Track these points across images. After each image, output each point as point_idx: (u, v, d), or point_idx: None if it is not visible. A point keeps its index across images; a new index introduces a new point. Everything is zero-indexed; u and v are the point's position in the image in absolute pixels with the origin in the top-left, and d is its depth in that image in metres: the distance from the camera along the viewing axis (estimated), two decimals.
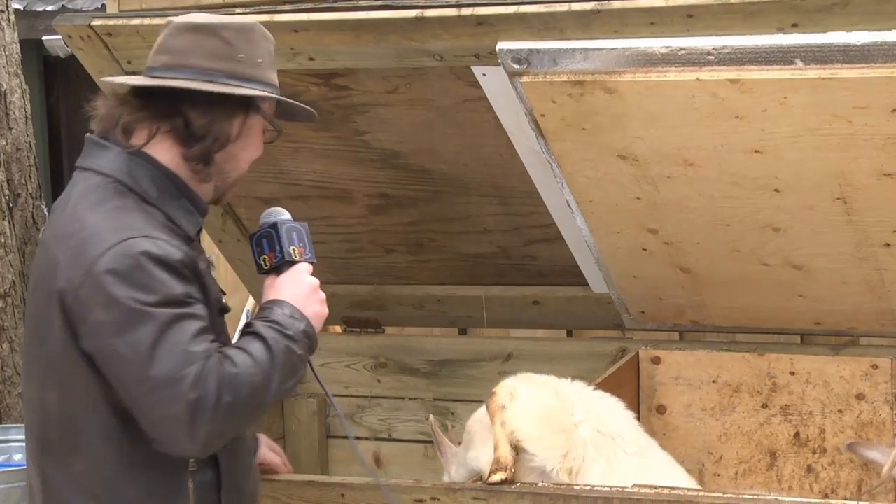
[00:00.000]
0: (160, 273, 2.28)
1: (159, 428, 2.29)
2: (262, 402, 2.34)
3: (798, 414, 3.58)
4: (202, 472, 2.41)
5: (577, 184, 3.26)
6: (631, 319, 3.72)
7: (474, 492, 2.80)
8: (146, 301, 2.26)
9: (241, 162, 2.50)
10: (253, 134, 2.50)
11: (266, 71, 2.49)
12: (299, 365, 2.41)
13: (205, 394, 2.25)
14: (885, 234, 3.13)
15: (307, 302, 2.46)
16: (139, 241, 2.29)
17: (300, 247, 2.53)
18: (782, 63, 2.79)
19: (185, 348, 2.25)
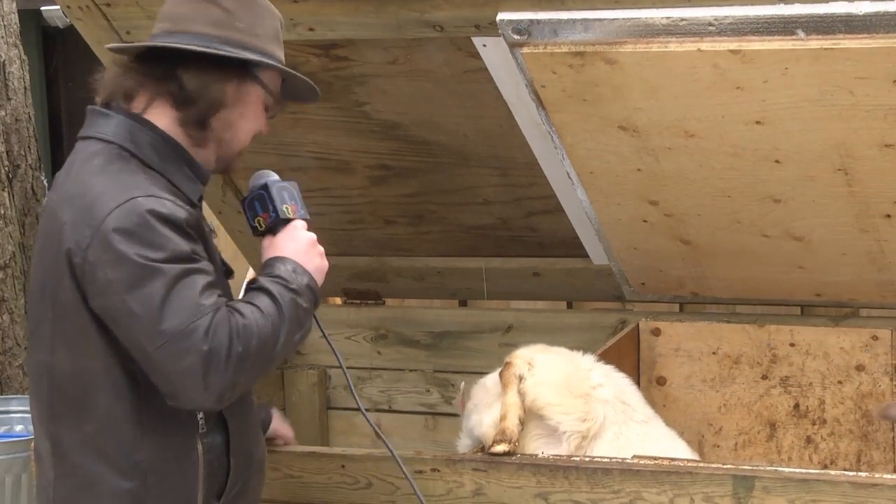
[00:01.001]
0: (166, 230, 2.31)
1: (174, 381, 2.31)
2: (272, 354, 2.37)
3: (798, 385, 3.59)
4: (211, 435, 2.44)
5: (578, 155, 3.26)
6: (631, 291, 3.72)
7: (474, 463, 2.80)
8: (154, 258, 2.29)
9: (239, 132, 2.50)
10: (251, 103, 2.50)
11: (266, 43, 2.49)
12: (305, 318, 2.44)
13: (217, 345, 2.27)
14: (886, 205, 3.13)
15: (307, 257, 2.48)
16: (145, 200, 2.31)
17: (293, 204, 2.55)
18: (784, 33, 2.78)
19: (195, 301, 2.29)
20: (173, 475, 2.40)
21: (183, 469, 2.41)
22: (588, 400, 3.01)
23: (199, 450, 2.42)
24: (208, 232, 2.46)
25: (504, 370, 3.00)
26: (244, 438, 2.50)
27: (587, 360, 3.20)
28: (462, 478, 2.79)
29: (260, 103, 2.52)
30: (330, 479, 2.88)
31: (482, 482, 2.78)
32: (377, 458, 2.88)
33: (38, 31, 5.61)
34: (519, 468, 2.77)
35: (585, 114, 3.11)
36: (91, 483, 2.39)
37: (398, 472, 2.82)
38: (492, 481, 2.78)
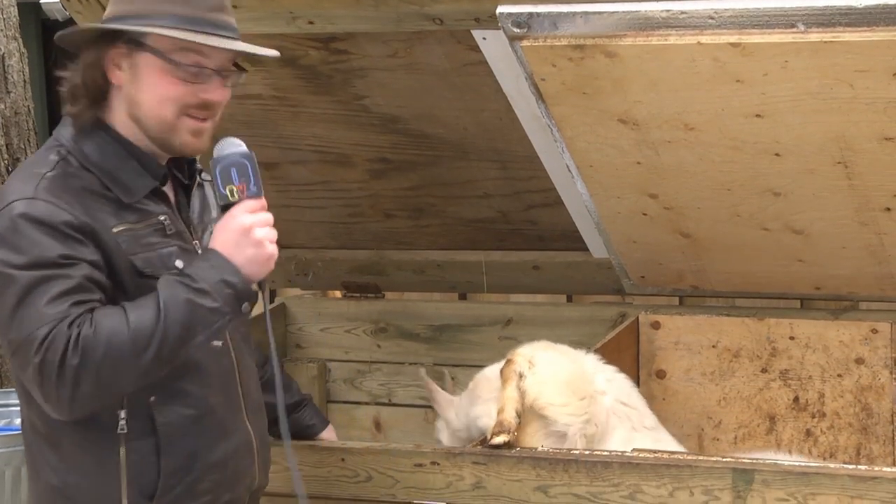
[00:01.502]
0: (35, 234, 2.27)
1: (28, 389, 2.31)
2: (137, 363, 2.26)
3: (797, 378, 3.59)
4: (137, 437, 2.38)
5: (578, 148, 3.25)
6: (631, 284, 3.72)
7: (474, 456, 2.81)
8: (13, 263, 2.26)
9: (143, 106, 2.40)
10: (146, 75, 2.38)
11: (153, 4, 2.36)
12: (212, 317, 2.31)
13: (51, 356, 2.22)
14: (886, 198, 3.13)
15: (235, 248, 2.35)
16: (21, 204, 2.29)
17: (241, 184, 2.39)
18: (784, 26, 2.77)
19: (39, 310, 2.23)
20: (94, 475, 2.38)
21: (102, 470, 2.37)
22: (593, 402, 2.98)
23: (121, 451, 2.37)
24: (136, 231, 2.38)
25: (505, 366, 2.99)
26: (186, 439, 2.42)
27: (591, 360, 3.18)
28: (462, 471, 2.80)
29: (159, 71, 2.38)
30: (330, 473, 2.88)
31: (482, 475, 2.78)
32: (377, 451, 2.88)
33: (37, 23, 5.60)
34: (518, 461, 2.77)
35: (585, 107, 3.11)
36: (36, 474, 2.45)
37: (398, 466, 2.82)
38: (491, 474, 2.78)
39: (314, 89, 3.52)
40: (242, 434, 2.53)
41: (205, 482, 2.44)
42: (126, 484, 2.37)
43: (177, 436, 2.41)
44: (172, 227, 2.45)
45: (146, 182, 2.43)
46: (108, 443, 2.37)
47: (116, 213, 2.38)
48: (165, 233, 2.43)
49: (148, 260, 2.39)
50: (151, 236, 2.41)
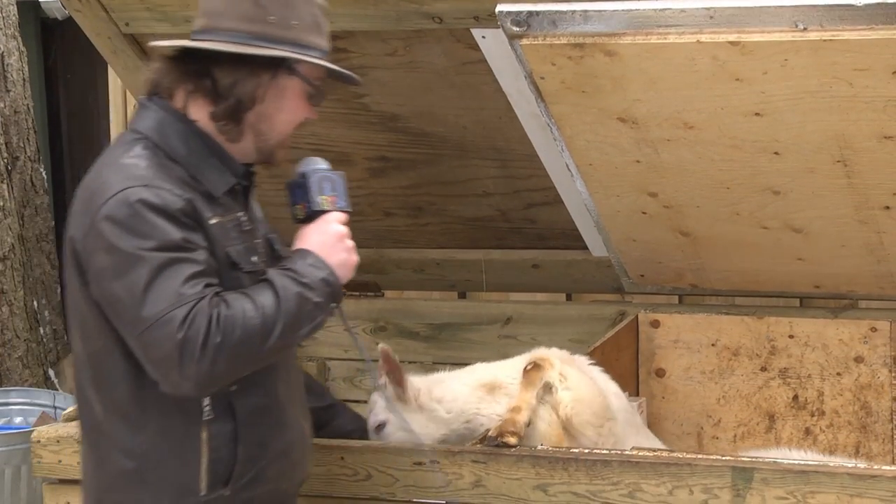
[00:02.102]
0: (156, 219, 2.35)
1: (154, 367, 2.36)
2: (262, 346, 2.37)
3: (797, 377, 3.59)
4: (218, 423, 2.46)
5: (577, 147, 3.25)
6: (630, 283, 3.72)
7: (473, 455, 2.80)
8: (141, 246, 2.33)
9: (277, 123, 2.53)
10: (288, 96, 2.51)
11: (302, 33, 2.49)
12: (316, 312, 2.44)
13: (193, 334, 2.30)
14: (885, 196, 3.13)
15: (332, 250, 2.50)
16: (137, 190, 2.36)
17: (332, 196, 2.55)
18: (783, 25, 2.77)
19: (176, 290, 2.32)
20: (174, 459, 2.45)
21: (184, 454, 2.45)
22: (613, 427, 2.99)
23: (203, 436, 2.45)
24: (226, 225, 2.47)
25: (532, 370, 2.95)
26: (257, 428, 2.51)
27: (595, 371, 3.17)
28: (461, 469, 2.80)
29: (298, 94, 2.53)
30: (329, 471, 2.88)
31: (482, 474, 2.78)
32: (376, 449, 2.88)
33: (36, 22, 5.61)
34: (518, 460, 2.77)
35: (585, 105, 3.11)
36: (103, 460, 2.48)
37: (398, 464, 2.82)
38: (491, 473, 2.78)
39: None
40: (297, 426, 2.63)
41: (272, 469, 2.54)
42: (206, 466, 2.45)
43: (252, 424, 2.50)
44: (248, 224, 2.55)
45: (227, 178, 2.52)
46: (192, 428, 2.44)
47: (208, 204, 2.47)
48: (242, 229, 2.53)
49: (237, 252, 2.49)
50: (233, 231, 2.50)
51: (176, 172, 2.44)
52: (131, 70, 3.57)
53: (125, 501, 2.48)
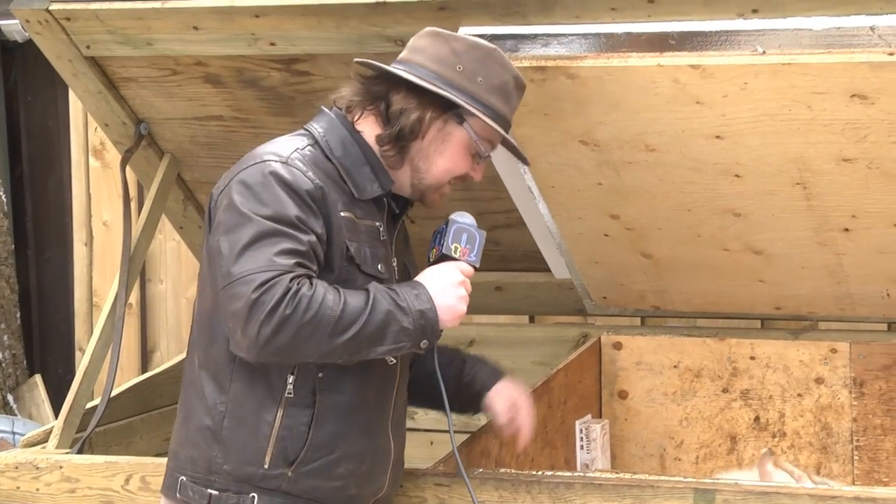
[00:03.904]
0: (280, 192, 2.46)
1: (227, 321, 2.45)
2: (331, 340, 2.41)
3: (758, 398, 3.61)
4: (297, 405, 2.52)
5: (540, 169, 3.27)
6: (593, 305, 3.73)
7: (436, 477, 2.80)
8: (257, 211, 2.45)
9: (434, 166, 2.62)
10: (452, 143, 2.61)
11: (485, 91, 2.59)
12: (401, 336, 2.47)
13: (267, 298, 2.37)
14: (844, 218, 3.15)
15: (442, 291, 2.54)
16: (274, 164, 2.50)
17: (466, 248, 2.64)
18: (743, 48, 2.80)
19: (269, 257, 2.41)
20: (247, 427, 2.52)
21: (257, 425, 2.51)
22: None
23: (279, 413, 2.51)
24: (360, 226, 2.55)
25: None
26: (337, 423, 2.54)
27: None
28: (424, 493, 2.79)
29: (462, 146, 2.62)
30: None
31: (444, 497, 2.78)
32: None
33: None
34: (482, 482, 2.76)
35: (547, 128, 3.13)
36: (189, 415, 2.58)
37: None
38: (454, 496, 2.77)
39: (276, 111, 3.51)
40: (384, 439, 2.65)
41: (341, 467, 2.57)
42: (274, 442, 2.51)
43: (330, 415, 2.54)
44: (384, 235, 2.63)
45: (374, 188, 2.61)
46: (270, 401, 2.51)
47: (346, 202, 2.55)
48: (378, 237, 2.61)
49: (359, 249, 2.56)
50: (366, 233, 2.58)
51: (325, 166, 2.55)
52: (92, 93, 3.55)
53: (197, 457, 2.54)
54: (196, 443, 2.56)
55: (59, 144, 5.46)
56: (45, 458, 3.12)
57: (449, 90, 2.57)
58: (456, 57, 2.59)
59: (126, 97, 3.59)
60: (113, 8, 3.28)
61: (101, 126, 3.70)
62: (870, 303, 3.42)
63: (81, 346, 5.17)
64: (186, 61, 3.41)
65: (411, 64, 2.60)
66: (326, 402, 2.54)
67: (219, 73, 3.42)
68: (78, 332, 5.27)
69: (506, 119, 2.64)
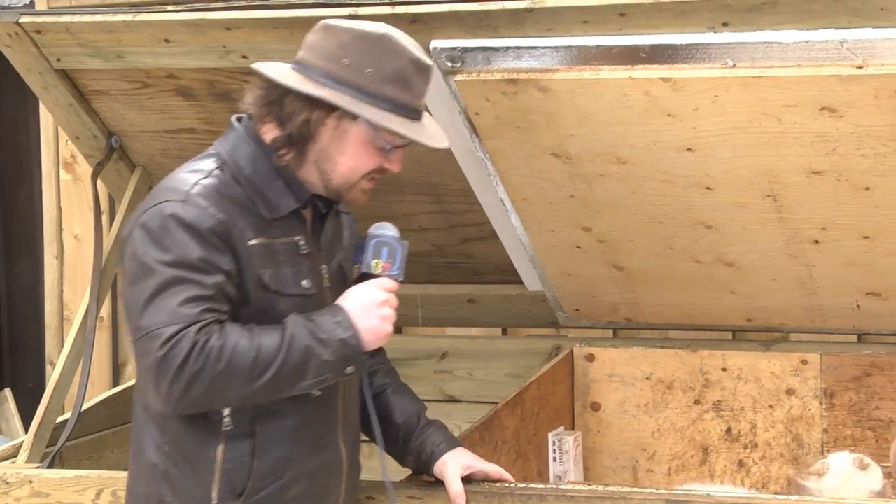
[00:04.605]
0: (181, 235, 2.41)
1: (140, 375, 2.44)
2: (249, 385, 2.39)
3: (730, 409, 3.62)
4: (236, 437, 2.49)
5: (512, 182, 3.27)
6: (565, 317, 3.73)
7: (409, 490, 2.79)
8: (159, 258, 2.40)
9: (338, 165, 2.53)
10: (351, 141, 2.52)
11: (375, 83, 2.48)
12: (323, 369, 2.44)
13: (174, 354, 2.34)
14: (814, 230, 3.17)
15: (364, 314, 2.49)
16: (173, 204, 2.44)
17: (387, 262, 2.59)
18: (713, 61, 2.82)
19: (174, 308, 2.37)
20: (192, 465, 2.49)
21: (201, 461, 2.49)
22: None
23: (219, 447, 2.48)
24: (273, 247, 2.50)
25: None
26: (281, 448, 2.51)
27: None
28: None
29: (363, 142, 2.52)
30: None
31: None
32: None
33: None
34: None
35: (519, 141, 3.13)
36: (139, 451, 2.56)
37: None
38: None
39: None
40: (335, 452, 2.62)
41: (293, 490, 2.55)
42: (219, 477, 2.49)
43: (272, 442, 2.51)
44: (306, 248, 2.56)
45: (289, 202, 2.54)
46: (211, 437, 2.48)
47: (256, 227, 2.49)
48: (298, 252, 2.55)
49: (275, 276, 2.51)
50: (284, 254, 2.52)
51: (232, 192, 2.49)
52: (63, 106, 3.54)
53: (149, 494, 2.53)
54: (147, 481, 2.54)
55: (30, 157, 5.44)
56: (14, 473, 3.10)
57: (334, 87, 2.47)
58: (342, 50, 2.48)
59: (97, 110, 3.57)
60: (84, 21, 3.27)
61: (72, 139, 3.68)
62: (840, 314, 3.44)
63: (52, 360, 5.14)
64: (158, 74, 3.40)
65: (303, 63, 2.52)
66: (267, 430, 2.50)
67: (190, 86, 3.42)
68: (48, 345, 5.24)
69: (408, 106, 2.51)
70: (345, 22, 2.55)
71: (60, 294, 5.21)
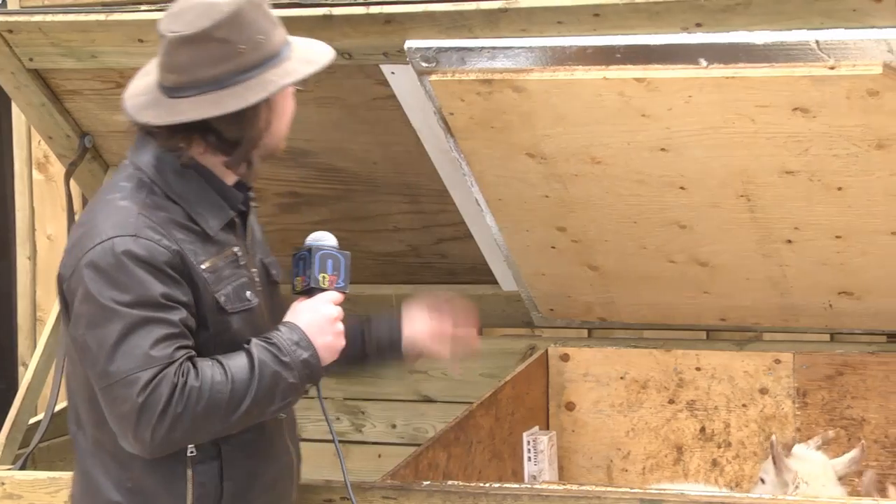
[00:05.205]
0: (139, 272, 2.33)
1: (113, 423, 2.36)
2: (227, 420, 2.36)
3: (704, 409, 3.64)
4: (203, 462, 2.45)
5: (487, 182, 3.28)
6: (540, 317, 3.74)
7: (384, 490, 2.79)
8: (118, 300, 2.31)
9: (278, 130, 2.50)
10: (281, 103, 2.48)
11: (270, 42, 2.42)
12: (289, 392, 2.42)
13: (154, 400, 2.29)
14: (787, 230, 3.19)
15: (319, 331, 2.46)
16: (124, 241, 2.34)
17: (333, 275, 2.55)
18: (687, 62, 2.83)
19: (146, 351, 2.30)
20: (161, 495, 2.44)
21: (171, 491, 2.44)
22: None
23: (188, 474, 2.44)
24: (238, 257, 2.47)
25: None
26: (246, 463, 2.50)
27: None
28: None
29: (289, 98, 2.51)
30: None
31: None
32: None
33: None
34: (429, 495, 2.76)
35: (494, 141, 3.14)
36: (94, 489, 2.47)
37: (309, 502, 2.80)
38: None
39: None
40: (286, 456, 2.61)
41: (259, 502, 2.53)
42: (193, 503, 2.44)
43: (238, 460, 2.48)
44: (244, 258, 2.52)
45: (225, 213, 2.48)
46: (178, 466, 2.43)
47: (202, 246, 2.43)
48: (238, 264, 2.50)
49: (228, 296, 2.45)
50: (228, 268, 2.47)
51: (171, 214, 2.41)
52: (35, 106, 3.52)
53: None
54: None
55: (2, 157, 5.40)
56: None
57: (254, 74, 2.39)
58: (228, 44, 2.39)
59: (70, 110, 3.56)
60: (56, 20, 3.25)
61: (45, 139, 3.66)
62: (813, 313, 3.46)
63: (25, 361, 5.11)
64: (131, 74, 3.33)
65: (199, 83, 2.39)
66: (232, 449, 2.48)
67: None
68: (21, 346, 5.21)
69: (286, 45, 2.46)
70: (194, 25, 2.40)
71: (33, 295, 5.18)
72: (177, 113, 2.40)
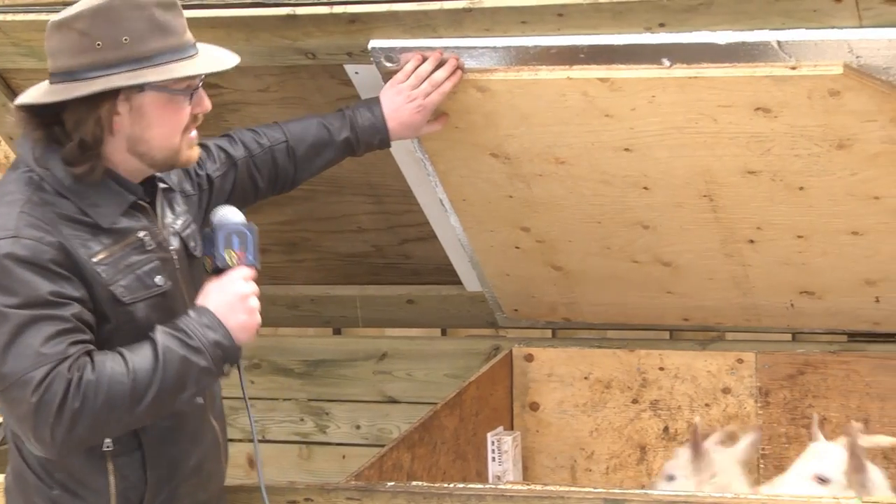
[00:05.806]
0: (24, 274, 2.29)
1: (15, 426, 2.34)
2: (132, 411, 2.31)
3: (667, 408, 3.65)
4: (123, 454, 2.43)
5: (451, 182, 3.28)
6: (504, 317, 3.74)
7: (348, 492, 2.79)
8: (6, 303, 2.28)
9: (153, 139, 2.42)
10: (152, 111, 2.40)
11: (138, 46, 2.36)
12: (202, 376, 2.38)
13: (49, 398, 2.25)
14: (750, 230, 3.21)
15: (231, 311, 2.42)
16: (5, 243, 2.30)
17: (240, 251, 2.49)
18: (650, 62, 2.84)
19: (36, 350, 2.26)
20: (87, 488, 2.43)
21: (95, 484, 2.43)
22: None
23: (110, 468, 2.42)
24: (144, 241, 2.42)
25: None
26: (167, 450, 2.47)
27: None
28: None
29: (164, 104, 2.41)
30: None
31: None
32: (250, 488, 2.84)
33: None
34: (393, 496, 2.76)
35: (458, 141, 3.14)
36: (26, 484, 2.46)
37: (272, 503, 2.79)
38: None
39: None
40: (211, 435, 2.59)
41: (185, 486, 2.52)
42: (115, 497, 2.43)
43: (160, 446, 2.46)
44: (152, 242, 2.46)
45: (122, 200, 2.43)
46: (98, 462, 2.42)
47: (95, 238, 2.39)
48: (145, 249, 2.45)
49: (128, 286, 2.41)
50: (130, 256, 2.42)
51: (59, 209, 2.37)
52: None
53: None
54: None
55: None
56: None
57: (103, 73, 2.34)
58: (87, 37, 2.35)
59: None
60: (17, 20, 3.22)
61: (5, 139, 3.64)
62: (774, 313, 3.48)
63: None
64: None
65: (59, 72, 2.37)
66: (151, 435, 2.46)
67: None
68: None
69: (178, 47, 2.40)
70: (68, 11, 2.38)
71: None
72: (36, 97, 2.39)
